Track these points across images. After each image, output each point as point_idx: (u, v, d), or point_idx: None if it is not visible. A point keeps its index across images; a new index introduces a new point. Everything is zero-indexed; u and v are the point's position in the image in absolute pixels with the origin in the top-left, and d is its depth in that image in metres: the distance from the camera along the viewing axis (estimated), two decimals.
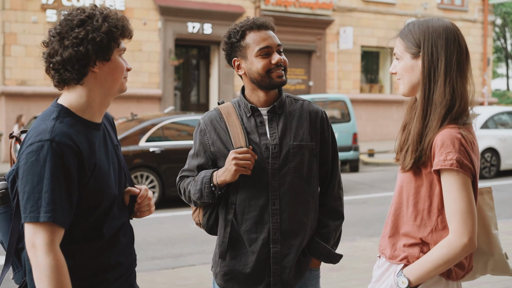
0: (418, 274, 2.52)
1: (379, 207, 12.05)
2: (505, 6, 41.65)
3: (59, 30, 2.45)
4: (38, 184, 2.28)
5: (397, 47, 2.70)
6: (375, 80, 28.27)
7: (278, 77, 3.06)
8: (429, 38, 2.59)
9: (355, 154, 16.71)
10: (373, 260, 2.89)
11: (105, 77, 2.49)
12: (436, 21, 2.63)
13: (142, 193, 2.71)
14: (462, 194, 2.46)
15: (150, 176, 12.34)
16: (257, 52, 3.05)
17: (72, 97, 2.48)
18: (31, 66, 19.72)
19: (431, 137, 2.53)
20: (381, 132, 26.94)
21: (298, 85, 25.22)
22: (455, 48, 2.58)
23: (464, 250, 2.46)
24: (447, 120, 2.53)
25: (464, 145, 2.47)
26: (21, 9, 19.96)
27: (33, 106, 19.41)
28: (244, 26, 3.08)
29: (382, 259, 2.74)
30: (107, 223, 2.52)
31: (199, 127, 3.18)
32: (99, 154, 2.49)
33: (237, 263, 3.10)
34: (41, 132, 2.34)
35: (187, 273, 7.35)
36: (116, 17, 2.49)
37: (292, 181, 3.07)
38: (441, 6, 28.68)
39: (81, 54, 2.40)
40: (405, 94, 2.72)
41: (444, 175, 2.49)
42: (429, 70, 2.58)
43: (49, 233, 2.27)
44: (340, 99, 17.37)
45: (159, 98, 22.22)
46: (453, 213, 2.47)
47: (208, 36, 23.03)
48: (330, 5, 25.34)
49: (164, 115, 14.01)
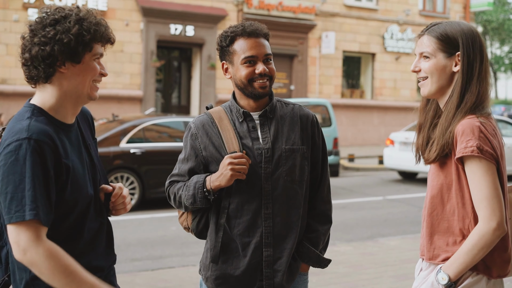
0: (455, 267, 2.56)
1: (359, 211, 12.09)
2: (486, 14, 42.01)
3: (33, 27, 2.45)
4: (21, 183, 2.26)
5: (426, 45, 2.73)
6: (356, 86, 28.36)
7: (260, 88, 3.05)
8: (467, 40, 2.67)
9: (336, 159, 16.75)
10: (353, 264, 2.91)
11: (73, 78, 2.46)
12: (465, 24, 2.74)
13: (116, 191, 2.68)
14: (486, 180, 2.50)
15: (131, 177, 12.29)
16: (242, 60, 3.03)
17: (44, 97, 2.47)
18: (11, 64, 19.58)
19: (452, 127, 2.58)
20: (362, 137, 27.03)
21: (279, 89, 25.23)
22: (483, 50, 2.70)
23: (494, 234, 2.50)
24: (468, 112, 2.60)
25: (484, 132, 2.53)
26: (2, 7, 19.81)
27: (13, 105, 19.25)
28: (234, 32, 3.06)
29: (425, 261, 2.77)
30: (86, 224, 2.50)
31: (190, 131, 3.16)
32: (71, 156, 2.47)
33: (229, 267, 3.10)
34: (18, 131, 2.32)
35: (167, 275, 7.33)
36: (92, 21, 2.46)
37: (284, 185, 3.07)
38: (423, 13, 28.86)
39: (47, 54, 2.39)
40: (431, 94, 2.76)
41: (467, 163, 2.53)
42: (468, 70, 2.66)
43: (33, 229, 2.25)
44: (321, 103, 17.41)
45: (140, 99, 22.15)
46: (479, 200, 2.51)
47: (190, 38, 22.99)
48: (313, 10, 25.40)
49: (145, 116, 13.96)
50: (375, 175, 18.50)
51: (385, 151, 17.02)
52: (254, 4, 24.08)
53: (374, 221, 10.94)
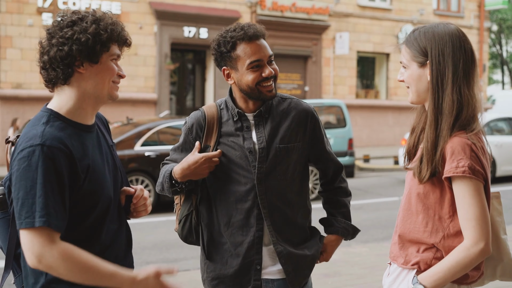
0: (434, 280, 2.52)
1: (375, 212, 12.04)
2: (501, 12, 41.73)
3: (51, 30, 2.47)
4: (32, 189, 2.26)
5: (403, 55, 2.68)
6: (371, 86, 28.28)
7: (268, 91, 3.05)
8: (435, 46, 2.57)
9: (351, 160, 16.69)
10: (369, 266, 2.89)
11: (92, 79, 2.47)
12: (441, 28, 2.61)
13: (137, 193, 2.71)
14: (476, 200, 2.47)
15: (145, 180, 12.31)
16: (248, 65, 3.01)
17: (62, 100, 2.48)
18: (26, 69, 19.67)
19: (442, 146, 2.52)
20: (377, 137, 26.94)
21: (293, 90, 25.20)
22: (461, 55, 2.57)
23: (481, 255, 2.48)
24: (456, 128, 2.53)
25: (475, 151, 2.48)
26: (17, 12, 19.92)
27: (28, 110, 19.34)
28: (235, 37, 3.02)
29: (393, 266, 2.74)
30: (105, 226, 2.51)
31: (185, 125, 3.22)
32: (93, 156, 2.47)
33: (223, 267, 3.13)
34: (32, 137, 2.33)
35: (181, 278, 7.32)
36: (108, 21, 2.48)
37: (278, 184, 3.08)
38: (437, 12, 28.73)
39: (65, 54, 2.40)
40: (414, 102, 2.72)
41: (457, 182, 2.49)
42: (437, 79, 2.56)
43: (46, 235, 2.25)
44: (336, 104, 17.35)
45: (155, 102, 22.19)
46: (468, 219, 2.48)
47: (204, 41, 23.01)
48: (327, 11, 25.35)
49: (159, 119, 13.99)
50: (390, 176, 18.42)
51: (400, 152, 16.94)
52: (268, 5, 24.06)
53: (389, 222, 10.87)
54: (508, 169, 17.00)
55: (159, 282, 2.36)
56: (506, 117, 18.01)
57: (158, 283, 2.36)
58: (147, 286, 2.37)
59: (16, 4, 19.87)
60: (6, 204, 2.49)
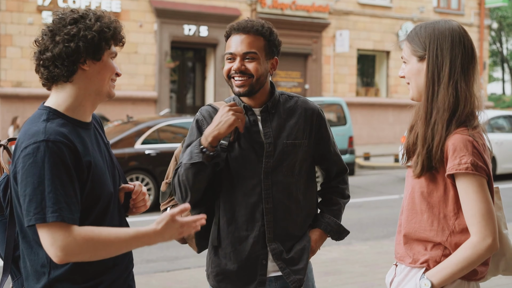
0: (441, 276, 2.51)
1: (375, 210, 12.04)
2: (501, 10, 41.76)
3: (51, 27, 2.46)
4: (40, 185, 2.25)
5: (404, 50, 2.68)
6: (371, 84, 28.28)
7: (236, 86, 3.03)
8: (434, 41, 2.57)
9: (351, 158, 16.68)
10: (369, 263, 2.88)
11: (94, 76, 2.47)
12: (442, 24, 2.61)
13: (136, 189, 2.71)
14: (480, 196, 2.47)
15: (146, 178, 12.30)
16: (225, 56, 3.07)
17: (61, 98, 2.47)
18: (26, 67, 19.67)
19: (439, 141, 2.51)
20: (377, 135, 26.95)
21: (294, 88, 25.21)
22: (460, 51, 2.56)
23: (489, 250, 2.47)
24: (454, 124, 2.52)
25: (477, 147, 2.48)
26: (17, 10, 19.92)
27: (28, 108, 19.35)
28: (230, 27, 3.09)
29: (400, 266, 2.72)
30: (106, 222, 2.50)
31: (196, 119, 3.15)
32: (93, 153, 2.47)
33: (228, 262, 3.10)
34: (34, 134, 2.32)
35: (182, 276, 7.32)
36: (109, 20, 2.50)
37: (285, 179, 3.07)
38: (438, 9, 28.72)
39: (72, 50, 2.39)
40: (414, 98, 2.70)
41: (460, 179, 2.49)
42: (433, 73, 2.56)
43: (62, 230, 2.25)
44: (336, 102, 17.34)
45: (155, 100, 22.19)
46: (473, 215, 2.47)
47: (204, 39, 23.01)
48: (327, 8, 25.35)
49: (159, 117, 13.97)
50: (391, 174, 18.42)
51: (400, 149, 16.90)
52: (268, 3, 24.06)
53: (390, 220, 10.87)
54: (508, 166, 17.01)
55: (178, 222, 2.37)
56: (506, 115, 18.02)
57: (178, 224, 2.37)
58: (172, 230, 2.39)
59: (16, 2, 19.88)
60: (1, 207, 2.48)
